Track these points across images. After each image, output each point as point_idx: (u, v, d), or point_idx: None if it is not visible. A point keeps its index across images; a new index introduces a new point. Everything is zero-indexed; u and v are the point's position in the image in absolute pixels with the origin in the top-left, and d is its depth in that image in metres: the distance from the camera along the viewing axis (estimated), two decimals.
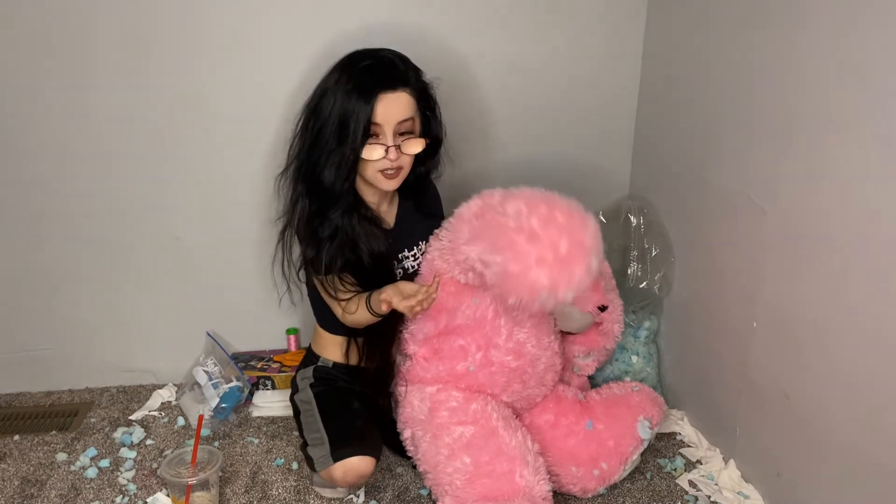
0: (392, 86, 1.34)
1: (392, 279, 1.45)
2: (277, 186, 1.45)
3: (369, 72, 1.34)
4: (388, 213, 1.50)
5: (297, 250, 1.48)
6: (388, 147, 1.35)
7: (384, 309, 1.32)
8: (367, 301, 1.38)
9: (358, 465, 1.37)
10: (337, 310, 1.44)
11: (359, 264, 1.40)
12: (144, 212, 1.74)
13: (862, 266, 1.14)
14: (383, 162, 1.36)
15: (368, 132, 1.34)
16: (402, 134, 1.37)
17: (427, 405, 1.43)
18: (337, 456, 1.38)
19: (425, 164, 1.48)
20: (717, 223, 1.51)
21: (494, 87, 1.75)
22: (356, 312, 1.40)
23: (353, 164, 1.36)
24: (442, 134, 1.47)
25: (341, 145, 1.34)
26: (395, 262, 1.48)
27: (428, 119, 1.43)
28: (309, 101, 1.40)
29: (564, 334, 1.56)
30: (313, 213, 1.40)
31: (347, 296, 1.41)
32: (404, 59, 1.39)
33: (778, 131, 1.30)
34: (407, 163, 1.40)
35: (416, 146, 1.39)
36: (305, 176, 1.40)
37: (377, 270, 1.42)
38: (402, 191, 1.49)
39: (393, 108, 1.34)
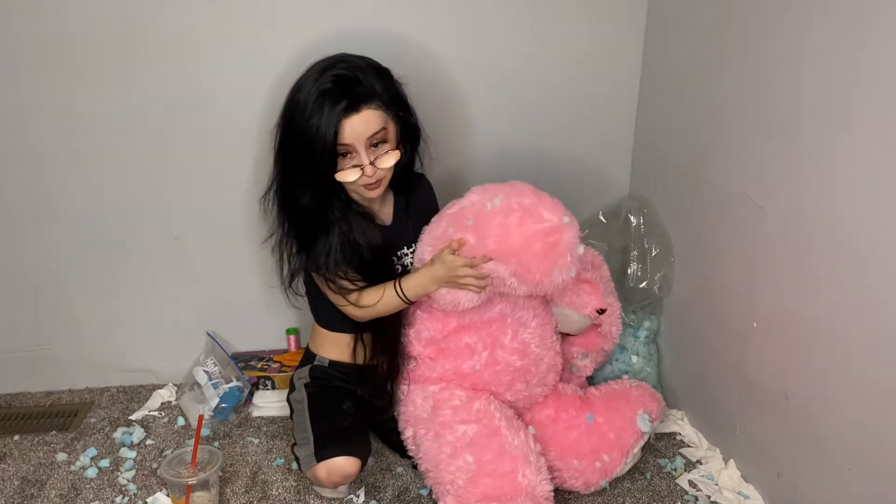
0: (355, 108, 1.29)
1: (392, 273, 1.45)
2: (263, 208, 1.43)
3: (328, 97, 1.29)
4: (383, 212, 1.48)
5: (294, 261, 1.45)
6: (364, 167, 1.32)
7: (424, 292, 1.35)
8: (398, 287, 1.38)
9: (342, 465, 1.37)
10: (348, 308, 1.42)
11: (359, 261, 1.39)
12: (144, 212, 1.74)
13: (862, 266, 1.14)
14: (362, 179, 1.34)
15: (336, 155, 1.32)
16: (375, 145, 1.34)
17: (430, 403, 1.43)
18: (320, 456, 1.38)
19: (410, 155, 1.45)
20: (717, 223, 1.51)
21: (495, 88, 1.75)
22: (377, 304, 1.39)
23: (328, 188, 1.35)
24: (420, 128, 1.43)
25: (313, 172, 1.32)
26: (395, 259, 1.48)
27: (403, 118, 1.39)
28: (278, 119, 1.37)
29: (563, 335, 1.56)
30: (302, 228, 1.39)
31: (353, 293, 1.40)
32: (365, 70, 1.33)
33: (778, 131, 1.30)
34: (386, 173, 1.37)
35: (390, 160, 1.35)
36: (285, 199, 1.38)
37: (377, 263, 1.41)
38: (394, 187, 1.47)
39: (360, 127, 1.30)
